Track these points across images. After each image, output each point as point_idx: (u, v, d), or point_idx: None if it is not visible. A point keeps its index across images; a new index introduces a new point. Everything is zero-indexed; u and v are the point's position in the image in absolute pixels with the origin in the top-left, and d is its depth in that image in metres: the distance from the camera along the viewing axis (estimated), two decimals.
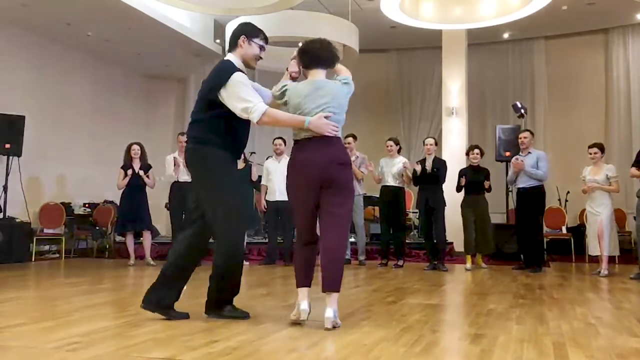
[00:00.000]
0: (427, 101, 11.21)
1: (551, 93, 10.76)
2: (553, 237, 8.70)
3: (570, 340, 2.83)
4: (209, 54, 10.66)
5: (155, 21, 8.67)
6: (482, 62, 11.01)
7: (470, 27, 8.65)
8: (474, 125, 10.42)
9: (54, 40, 9.31)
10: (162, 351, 2.53)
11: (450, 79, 9.53)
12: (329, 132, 3.20)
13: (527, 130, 7.02)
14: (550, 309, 3.84)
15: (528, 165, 6.59)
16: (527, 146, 6.76)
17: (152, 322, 3.27)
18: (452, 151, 9.14)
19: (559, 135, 10.50)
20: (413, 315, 3.54)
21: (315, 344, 2.68)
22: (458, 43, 9.54)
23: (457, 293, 5.01)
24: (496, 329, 3.11)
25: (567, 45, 10.71)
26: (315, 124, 3.18)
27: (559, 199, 9.48)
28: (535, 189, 6.62)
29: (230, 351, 2.52)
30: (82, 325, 3.16)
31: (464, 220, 7.01)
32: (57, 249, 8.78)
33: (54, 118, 9.37)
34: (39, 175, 9.02)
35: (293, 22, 8.42)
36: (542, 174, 6.60)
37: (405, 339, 2.83)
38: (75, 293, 4.68)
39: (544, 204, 6.78)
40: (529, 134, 6.85)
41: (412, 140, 11.23)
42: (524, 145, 6.77)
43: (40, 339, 2.83)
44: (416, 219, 9.28)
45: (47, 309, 3.82)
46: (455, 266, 7.27)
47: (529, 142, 6.76)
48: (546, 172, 6.64)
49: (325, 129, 3.19)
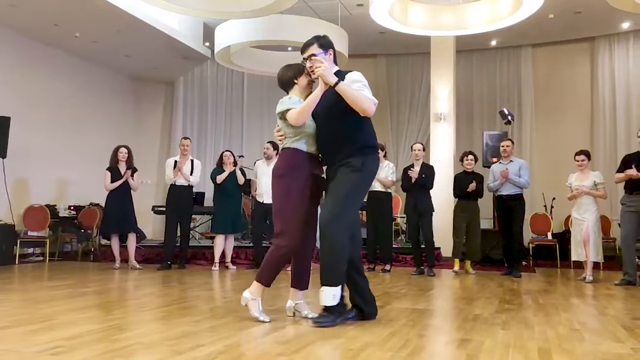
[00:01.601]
0: (415, 107, 11.27)
1: (538, 100, 10.87)
2: (538, 243, 8.78)
3: (555, 345, 2.85)
4: (197, 57, 10.64)
5: (144, 23, 8.63)
6: (470, 68, 11.11)
7: (459, 33, 8.71)
8: (461, 131, 10.51)
9: (41, 41, 9.22)
10: (147, 355, 2.51)
11: (438, 85, 9.59)
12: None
13: (508, 139, 7.22)
14: (535, 314, 3.87)
15: (512, 173, 6.72)
16: (509, 154, 6.92)
17: (137, 326, 3.24)
18: (440, 157, 9.19)
19: (545, 142, 10.61)
20: (400, 319, 3.55)
21: (302, 348, 2.67)
22: (446, 49, 9.61)
23: (444, 298, 5.03)
24: (482, 333, 3.13)
25: (553, 53, 10.84)
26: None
27: (544, 205, 9.56)
28: (517, 195, 6.76)
29: (216, 355, 2.51)
30: (66, 329, 3.12)
31: (455, 224, 7.05)
32: (42, 251, 8.67)
33: (40, 119, 9.28)
34: (23, 177, 8.92)
35: (282, 26, 8.42)
36: (524, 181, 6.77)
37: (391, 343, 2.83)
38: (59, 296, 4.63)
39: (524, 210, 6.90)
40: (511, 143, 7.05)
41: (400, 146, 11.27)
42: (505, 154, 6.93)
43: (23, 343, 2.79)
44: (404, 224, 9.31)
45: (30, 312, 3.77)
46: (442, 271, 7.30)
47: (510, 151, 6.94)
48: (528, 180, 6.85)
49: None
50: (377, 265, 7.23)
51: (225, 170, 7.41)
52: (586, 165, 6.51)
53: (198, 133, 12.01)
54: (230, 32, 8.73)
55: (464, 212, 7.00)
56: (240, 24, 8.46)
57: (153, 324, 3.30)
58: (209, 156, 11.80)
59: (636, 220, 5.99)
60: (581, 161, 6.50)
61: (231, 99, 12.07)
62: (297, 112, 3.39)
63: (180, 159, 7.41)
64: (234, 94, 12.07)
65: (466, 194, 6.96)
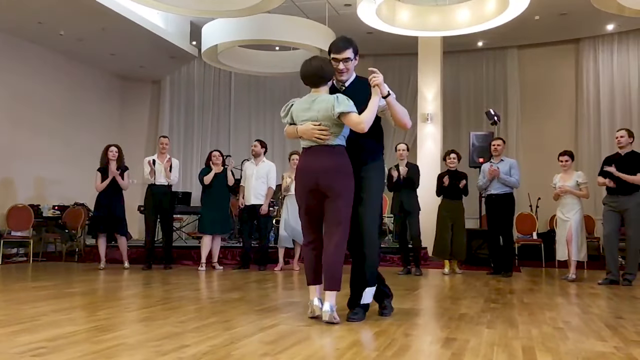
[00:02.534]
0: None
1: (523, 101, 10.96)
2: (524, 242, 8.85)
3: (539, 344, 2.87)
4: (184, 56, 10.57)
5: (130, 22, 8.56)
6: (457, 69, 11.17)
7: (446, 34, 8.76)
8: (448, 131, 10.55)
9: (25, 39, 9.11)
10: (131, 356, 2.48)
11: (425, 86, 9.62)
12: (315, 138, 3.44)
13: (499, 139, 7.18)
14: (520, 314, 3.89)
15: (502, 172, 6.73)
16: (500, 153, 6.93)
17: (121, 327, 3.22)
18: (427, 157, 9.23)
19: (531, 142, 10.69)
20: (386, 319, 3.55)
21: (287, 349, 2.67)
22: (434, 50, 9.65)
23: (431, 297, 5.05)
24: (467, 332, 3.14)
25: (539, 54, 10.94)
26: (301, 130, 3.49)
27: (530, 205, 9.64)
28: (507, 195, 6.78)
29: (200, 356, 2.49)
30: (49, 330, 3.09)
31: (440, 224, 7.06)
32: (25, 252, 8.57)
33: (23, 118, 9.17)
34: (7, 177, 8.81)
35: (270, 26, 8.40)
36: (515, 181, 6.77)
37: (377, 342, 2.83)
38: (42, 297, 4.57)
39: (514, 210, 6.93)
40: (502, 142, 7.03)
41: (387, 145, 11.26)
42: (496, 153, 6.92)
43: (5, 344, 2.75)
44: (391, 223, 9.33)
45: (12, 313, 3.72)
46: (429, 271, 7.33)
47: (501, 150, 6.94)
48: (519, 180, 6.84)
49: (311, 134, 3.43)
50: None
51: (213, 170, 7.36)
52: (570, 165, 6.57)
53: (185, 132, 11.95)
54: (218, 31, 8.69)
55: (449, 212, 7.01)
56: (227, 23, 8.43)
57: (137, 324, 3.27)
58: (195, 155, 11.74)
59: (617, 220, 6.06)
60: (565, 161, 6.56)
61: (218, 98, 12.03)
62: (362, 120, 3.40)
63: (159, 158, 7.35)
64: (221, 93, 12.02)
65: (449, 192, 6.98)
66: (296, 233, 7.26)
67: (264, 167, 7.42)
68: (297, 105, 3.61)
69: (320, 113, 3.45)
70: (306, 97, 3.60)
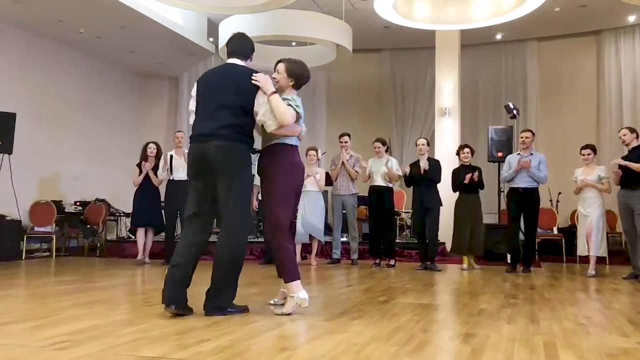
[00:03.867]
0: (420, 101, 11.23)
1: (543, 94, 10.81)
2: (544, 237, 8.74)
3: (560, 340, 2.84)
4: (201, 52, 10.63)
5: (148, 19, 8.63)
6: (475, 62, 11.04)
7: (464, 27, 8.68)
8: (466, 125, 10.45)
9: (46, 37, 9.24)
10: (153, 350, 2.51)
11: (443, 80, 9.55)
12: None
13: (529, 130, 6.85)
14: (541, 309, 3.86)
15: (532, 167, 6.50)
16: (528, 146, 6.64)
17: (142, 321, 3.26)
18: (445, 151, 9.16)
19: (551, 136, 10.55)
20: (404, 314, 3.55)
21: (306, 343, 2.68)
22: (451, 44, 9.56)
23: (449, 293, 5.02)
24: (487, 328, 3.12)
25: (559, 46, 10.77)
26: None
27: (550, 200, 9.52)
28: (534, 190, 6.60)
29: (221, 350, 2.51)
30: (72, 324, 3.14)
31: (457, 219, 7.01)
32: (48, 247, 8.72)
33: (45, 115, 9.31)
34: (30, 173, 8.95)
35: (286, 21, 8.40)
36: (543, 176, 6.56)
37: (396, 338, 2.83)
38: (65, 291, 4.65)
39: (539, 206, 6.78)
40: (531, 134, 6.72)
41: (404, 141, 11.25)
42: (524, 145, 6.64)
43: (29, 338, 2.80)
44: (408, 218, 9.29)
45: (36, 307, 3.79)
46: (447, 266, 7.29)
47: (530, 142, 6.65)
48: (546, 175, 6.62)
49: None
50: (382, 260, 7.22)
51: None
52: (592, 159, 6.47)
53: None
54: (235, 27, 8.63)
55: (466, 206, 6.95)
56: (244, 19, 8.44)
57: (158, 319, 3.31)
58: None
59: (628, 213, 5.97)
60: (587, 155, 6.45)
61: None
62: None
63: (176, 153, 7.41)
64: None
65: (467, 187, 6.91)
66: (313, 229, 7.29)
67: None
68: None
69: None
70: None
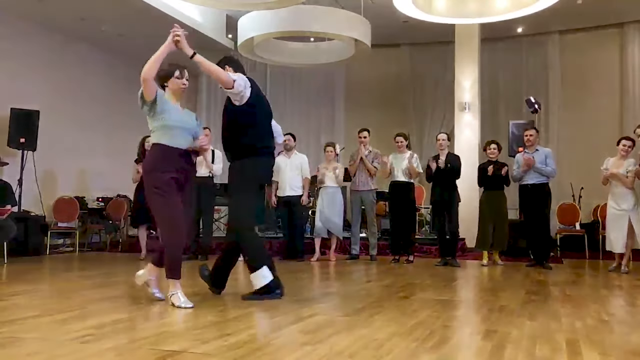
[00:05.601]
0: (439, 96, 11.14)
1: (565, 88, 10.64)
2: (566, 233, 8.63)
3: (583, 337, 2.81)
4: (220, 49, 10.66)
5: (168, 16, 8.69)
6: (495, 57, 10.91)
7: (484, 21, 8.56)
8: (486, 120, 10.35)
9: (68, 35, 9.37)
10: (175, 344, 2.55)
11: (463, 74, 9.46)
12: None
13: (533, 128, 7.03)
14: (563, 306, 3.82)
15: (537, 162, 6.61)
16: (533, 143, 6.78)
17: (164, 315, 3.30)
18: (465, 147, 9.08)
19: (573, 131, 10.38)
20: (424, 310, 3.54)
21: (327, 338, 2.69)
22: (471, 38, 9.46)
23: (469, 289, 4.99)
24: (508, 325, 3.10)
25: (581, 39, 10.58)
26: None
27: (572, 195, 9.39)
28: (542, 185, 6.64)
29: (242, 344, 2.54)
30: (96, 318, 3.19)
31: (481, 216, 6.97)
32: (71, 242, 8.86)
33: (68, 112, 9.45)
34: (52, 169, 9.10)
35: (305, 17, 8.39)
36: (551, 170, 6.64)
37: (416, 334, 2.83)
38: (89, 286, 4.73)
39: (550, 200, 6.76)
40: (535, 132, 6.88)
41: (424, 136, 11.18)
42: (529, 143, 6.77)
43: (55, 331, 2.86)
44: (428, 214, 9.25)
45: (61, 302, 3.86)
46: (467, 262, 7.24)
47: (534, 140, 6.78)
48: (555, 169, 6.71)
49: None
50: (401, 256, 7.20)
51: None
52: (630, 152, 6.35)
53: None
54: (253, 23, 8.74)
55: (490, 203, 6.90)
56: (262, 15, 8.46)
57: (179, 313, 3.35)
58: None
59: None
60: (627, 147, 6.31)
61: None
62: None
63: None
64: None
65: (492, 183, 6.86)
66: (331, 224, 7.30)
67: (297, 159, 7.53)
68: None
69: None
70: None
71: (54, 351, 2.44)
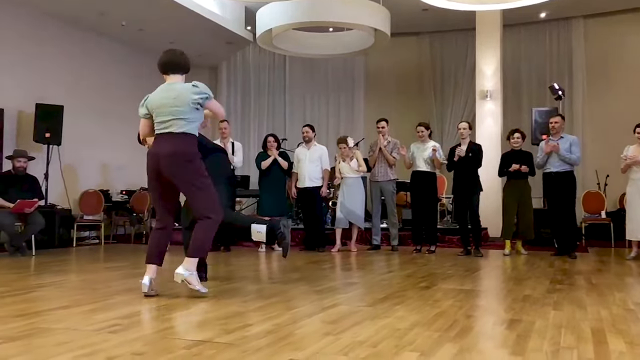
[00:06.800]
0: (460, 84, 11.01)
1: (590, 74, 10.42)
2: (592, 222, 8.50)
3: (609, 325, 2.78)
4: (240, 41, 10.71)
5: (187, 9, 8.75)
6: (517, 43, 10.73)
7: (506, 7, 8.43)
8: (508, 108, 10.20)
9: (89, 31, 9.49)
10: (199, 334, 2.59)
11: (484, 62, 9.33)
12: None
13: (558, 115, 6.91)
14: (588, 295, 3.77)
15: (562, 149, 6.47)
16: (558, 131, 6.64)
17: (188, 305, 3.35)
18: (487, 135, 8.98)
19: (598, 118, 10.19)
20: (447, 300, 3.53)
21: (349, 328, 2.70)
22: (493, 24, 9.32)
23: (492, 278, 4.96)
24: (533, 314, 3.07)
25: (607, 24, 10.33)
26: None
27: (597, 183, 9.23)
28: (567, 173, 6.52)
29: (265, 334, 2.56)
30: (122, 308, 3.25)
31: (505, 205, 6.89)
32: (97, 234, 9.03)
33: (90, 107, 9.58)
34: (76, 164, 9.26)
35: (323, 7, 8.35)
36: (576, 158, 6.52)
37: (439, 323, 2.82)
38: (114, 277, 4.82)
39: (575, 188, 6.65)
40: (560, 119, 6.74)
41: (444, 125, 11.07)
42: (554, 130, 6.65)
43: (83, 321, 2.92)
44: (449, 204, 9.19)
45: (88, 293, 3.94)
46: (489, 252, 7.18)
47: (559, 127, 6.65)
48: (579, 157, 6.60)
49: None
50: (422, 247, 7.18)
51: (270, 155, 7.46)
52: None
53: (242, 117, 12.14)
54: (272, 15, 8.73)
55: (514, 191, 6.82)
56: (281, 6, 8.45)
57: (203, 303, 3.39)
58: (252, 139, 11.92)
59: None
60: None
61: (273, 82, 12.13)
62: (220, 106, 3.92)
63: (222, 142, 7.50)
64: (276, 77, 12.11)
65: (515, 172, 6.77)
66: (352, 215, 7.30)
67: (317, 151, 7.53)
68: (153, 96, 3.75)
69: (178, 100, 3.59)
70: (161, 86, 3.75)
71: (82, 341, 2.49)
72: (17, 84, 8.34)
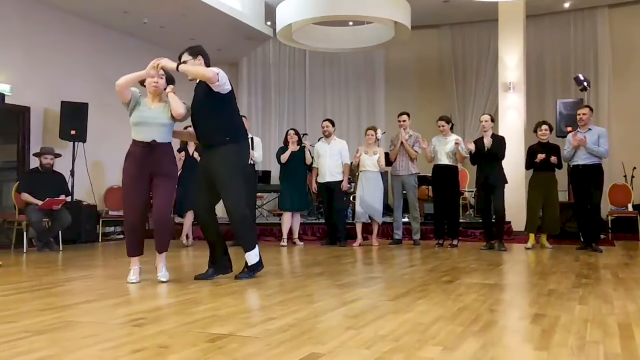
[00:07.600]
0: (482, 77, 10.88)
1: (615, 64, 10.20)
2: (618, 215, 8.34)
3: (636, 320, 2.72)
4: (260, 36, 10.72)
5: (209, 6, 8.79)
6: (541, 34, 10.55)
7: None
8: (532, 100, 10.04)
9: (113, 29, 9.61)
10: (222, 327, 2.61)
11: (507, 53, 9.19)
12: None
13: (586, 107, 6.73)
14: (615, 289, 3.70)
15: (590, 142, 6.32)
16: (586, 123, 6.46)
17: (211, 299, 3.38)
18: (510, 128, 8.85)
19: (624, 109, 9.97)
20: (470, 294, 3.50)
21: (371, 322, 2.69)
22: (515, 15, 9.17)
23: (516, 273, 4.90)
24: (558, 308, 3.03)
25: (633, 13, 10.09)
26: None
27: (624, 176, 9.05)
28: (595, 166, 6.37)
29: (287, 328, 2.57)
30: (146, 302, 3.30)
31: (530, 198, 6.80)
32: (122, 230, 9.16)
33: (113, 104, 9.66)
34: (100, 160, 9.40)
35: (344, 1, 8.32)
36: (604, 151, 6.34)
37: (462, 317, 2.80)
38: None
39: (602, 181, 6.50)
40: (589, 110, 6.56)
41: (467, 117, 10.95)
42: (582, 122, 6.48)
43: (108, 315, 2.97)
44: (471, 197, 9.10)
45: (113, 287, 4.01)
46: (513, 246, 7.10)
47: (587, 119, 6.46)
48: (607, 149, 6.39)
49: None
50: (445, 241, 7.13)
51: (290, 149, 7.47)
52: None
53: (262, 112, 12.18)
54: (291, 10, 8.73)
55: (540, 185, 6.71)
56: (301, 1, 8.44)
57: (226, 297, 3.42)
58: (273, 134, 11.96)
59: None
60: None
61: (293, 77, 12.13)
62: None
63: None
64: (296, 72, 12.11)
65: (541, 165, 6.66)
66: (371, 209, 7.27)
67: (336, 145, 7.52)
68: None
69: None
70: None
71: (108, 334, 2.54)
72: (43, 83, 8.49)
